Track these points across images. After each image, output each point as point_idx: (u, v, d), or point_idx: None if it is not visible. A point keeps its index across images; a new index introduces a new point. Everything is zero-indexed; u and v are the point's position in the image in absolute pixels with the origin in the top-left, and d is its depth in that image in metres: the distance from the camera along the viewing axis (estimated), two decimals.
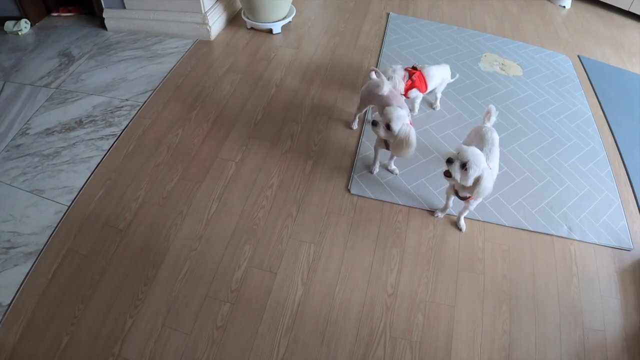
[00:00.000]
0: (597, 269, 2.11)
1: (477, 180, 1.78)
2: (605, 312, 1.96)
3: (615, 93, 3.23)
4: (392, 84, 2.40)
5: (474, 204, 2.06)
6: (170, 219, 2.08)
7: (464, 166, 1.75)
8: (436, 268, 2.01)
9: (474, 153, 1.74)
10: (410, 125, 2.00)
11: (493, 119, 2.13)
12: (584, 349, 1.84)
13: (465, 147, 1.77)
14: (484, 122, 2.14)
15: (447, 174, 1.81)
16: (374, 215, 2.19)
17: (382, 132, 2.03)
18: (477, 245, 2.12)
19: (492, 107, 2.13)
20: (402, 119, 1.98)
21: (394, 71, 2.43)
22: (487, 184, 1.79)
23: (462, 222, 2.17)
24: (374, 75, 2.34)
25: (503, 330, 1.85)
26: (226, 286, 1.87)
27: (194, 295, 1.83)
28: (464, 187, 1.86)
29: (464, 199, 1.99)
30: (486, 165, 1.78)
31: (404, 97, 2.57)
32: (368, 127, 2.60)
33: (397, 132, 1.98)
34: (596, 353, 1.83)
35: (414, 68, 2.51)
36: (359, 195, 2.26)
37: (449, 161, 1.77)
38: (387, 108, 2.02)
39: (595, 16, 4.33)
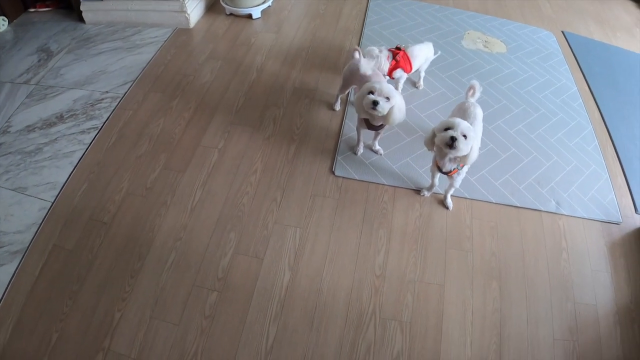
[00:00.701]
0: (587, 243, 2.12)
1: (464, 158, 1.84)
2: (596, 286, 1.97)
3: (600, 68, 3.22)
4: (376, 65, 2.38)
5: (458, 180, 2.04)
6: (154, 210, 2.06)
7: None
8: (424, 247, 2.01)
9: (466, 125, 1.77)
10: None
11: (477, 94, 2.12)
12: (576, 324, 1.85)
13: (455, 120, 1.78)
14: (466, 98, 2.13)
15: (451, 146, 1.75)
16: (360, 196, 2.18)
17: (386, 107, 1.93)
18: (465, 223, 2.12)
19: (476, 83, 2.12)
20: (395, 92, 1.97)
21: (380, 51, 2.40)
22: (476, 149, 1.84)
23: (449, 201, 2.17)
24: (357, 54, 2.32)
25: (494, 308, 1.85)
26: (213, 275, 1.86)
27: (181, 286, 1.82)
28: (453, 158, 1.87)
29: (447, 173, 1.98)
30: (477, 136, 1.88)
31: (388, 78, 2.55)
32: (351, 109, 2.58)
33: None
34: (588, 327, 1.84)
35: (398, 48, 2.48)
36: (343, 177, 2.25)
37: (453, 139, 1.73)
38: (378, 84, 1.94)
39: None
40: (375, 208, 2.13)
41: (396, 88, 2.65)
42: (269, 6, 3.43)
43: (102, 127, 2.44)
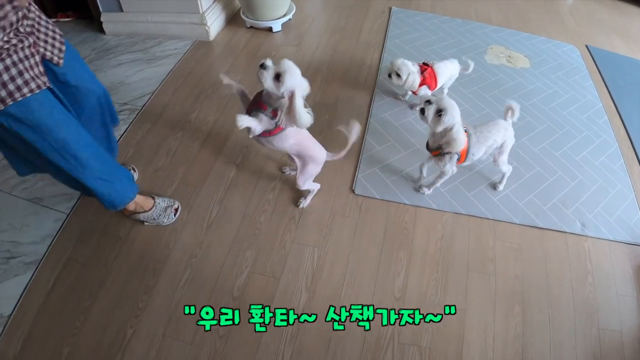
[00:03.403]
0: (612, 266, 2.05)
1: (448, 131, 1.84)
2: (622, 311, 1.90)
3: (624, 82, 3.15)
4: (410, 81, 2.35)
5: (445, 169, 2.04)
6: (170, 225, 2.04)
7: (439, 112, 1.80)
8: (445, 270, 1.95)
9: (450, 103, 1.81)
10: None
11: (516, 115, 2.09)
12: (600, 350, 1.77)
13: (445, 97, 1.85)
14: (505, 118, 2.10)
15: (422, 112, 1.84)
16: (380, 216, 2.13)
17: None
18: (488, 245, 2.06)
19: (515, 104, 2.08)
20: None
21: (407, 68, 2.36)
22: (459, 137, 1.83)
23: (426, 190, 2.20)
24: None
25: (516, 333, 1.79)
26: (228, 293, 1.82)
27: (196, 304, 1.78)
28: (435, 138, 1.94)
29: (431, 152, 2.01)
30: (460, 121, 1.84)
31: (413, 94, 2.51)
32: (372, 125, 2.54)
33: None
34: (613, 354, 1.77)
35: (425, 64, 2.44)
36: (363, 196, 2.20)
37: (428, 102, 1.83)
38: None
39: (600, 5, 4.25)
40: (396, 228, 2.09)
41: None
42: (290, 19, 3.42)
43: (119, 139, 2.42)
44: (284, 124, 1.68)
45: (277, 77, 1.54)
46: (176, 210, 2.06)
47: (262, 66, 1.55)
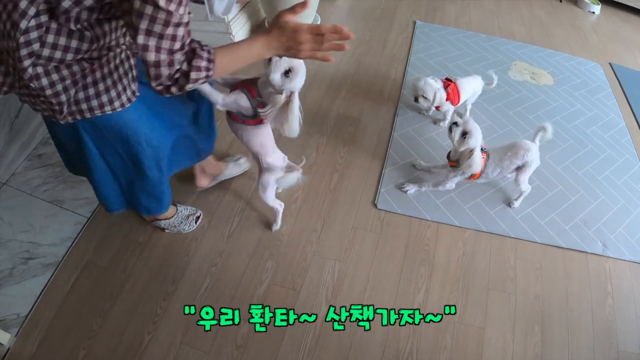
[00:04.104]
0: (633, 288, 2.03)
1: (470, 153, 1.96)
2: None
3: None
4: (434, 101, 2.35)
5: (446, 184, 2.17)
6: (191, 233, 2.03)
7: (464, 135, 1.94)
8: (466, 287, 1.94)
9: (475, 127, 1.94)
10: None
11: (548, 137, 2.13)
12: None
13: (470, 119, 1.98)
14: (533, 139, 2.11)
15: (450, 130, 1.98)
16: (402, 231, 2.12)
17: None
18: (509, 264, 2.04)
19: (548, 126, 2.12)
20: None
21: (432, 87, 2.34)
22: (476, 162, 1.97)
23: (410, 189, 2.24)
24: None
25: (534, 354, 1.77)
26: (247, 303, 1.81)
27: (214, 312, 1.77)
28: (457, 153, 2.05)
29: (452, 165, 2.11)
30: (480, 144, 1.98)
31: (436, 109, 2.50)
32: (395, 139, 2.53)
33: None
34: None
35: (448, 80, 2.43)
36: (386, 211, 2.19)
37: (455, 124, 1.96)
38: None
39: (625, 22, 4.23)
40: (418, 244, 2.07)
41: (444, 119, 2.60)
42: None
43: None
44: (268, 119, 1.60)
45: (287, 72, 1.46)
46: (197, 218, 2.06)
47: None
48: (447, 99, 2.39)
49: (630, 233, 2.21)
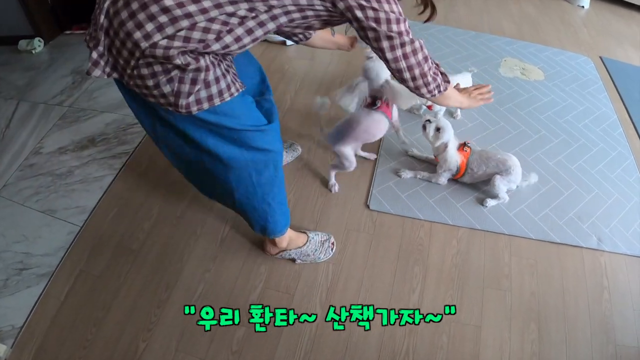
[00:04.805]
0: (629, 281, 2.02)
1: (444, 147, 2.13)
2: (639, 327, 1.87)
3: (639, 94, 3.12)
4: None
5: (435, 180, 2.28)
6: (183, 239, 2.03)
7: (437, 129, 2.12)
8: (460, 286, 1.93)
9: (447, 122, 2.13)
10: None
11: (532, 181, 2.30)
12: None
13: (442, 117, 2.27)
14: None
15: (424, 128, 2.16)
16: (395, 231, 2.11)
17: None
18: (503, 261, 2.03)
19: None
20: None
21: None
22: (450, 157, 2.14)
23: (406, 175, 2.32)
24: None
25: (532, 351, 1.76)
26: (242, 308, 1.78)
27: (214, 312, 1.76)
28: (435, 149, 2.21)
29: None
30: (453, 141, 2.15)
31: (428, 109, 2.49)
32: (387, 139, 2.52)
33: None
34: None
35: None
36: (378, 211, 2.18)
37: (428, 121, 2.15)
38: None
39: (615, 15, 4.24)
40: (411, 244, 2.07)
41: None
42: None
43: (133, 152, 2.43)
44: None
45: None
46: (333, 244, 2.03)
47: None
48: None
49: (625, 226, 2.21)
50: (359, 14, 1.13)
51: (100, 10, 1.11)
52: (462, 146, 2.17)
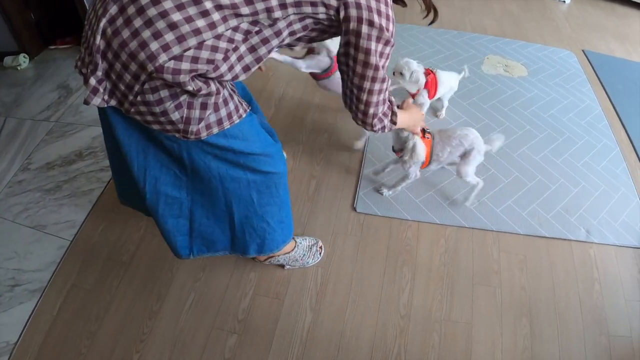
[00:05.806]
0: (619, 272, 2.03)
1: (413, 148, 1.93)
2: (631, 317, 1.88)
3: (623, 85, 3.15)
4: (411, 80, 2.37)
5: (409, 177, 2.13)
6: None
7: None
8: (450, 284, 1.94)
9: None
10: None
11: (496, 148, 2.17)
12: (611, 358, 1.76)
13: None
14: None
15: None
16: (382, 233, 2.12)
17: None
18: (492, 257, 2.04)
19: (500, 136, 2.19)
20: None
21: (410, 67, 2.35)
22: (419, 143, 1.93)
23: (387, 192, 2.25)
24: None
25: (524, 346, 1.77)
26: (232, 316, 1.81)
27: (200, 327, 1.78)
28: (399, 140, 2.02)
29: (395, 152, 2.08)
30: (420, 133, 1.94)
31: (412, 100, 2.50)
32: (372, 141, 2.54)
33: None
34: None
35: (430, 70, 2.42)
36: (365, 214, 2.19)
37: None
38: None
39: (596, 8, 4.28)
40: (399, 244, 2.08)
41: None
42: None
43: None
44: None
45: None
46: (321, 248, 2.02)
47: None
48: (425, 87, 2.39)
49: (612, 217, 2.23)
50: (364, 29, 1.11)
51: (93, 30, 1.01)
52: (423, 133, 1.99)
